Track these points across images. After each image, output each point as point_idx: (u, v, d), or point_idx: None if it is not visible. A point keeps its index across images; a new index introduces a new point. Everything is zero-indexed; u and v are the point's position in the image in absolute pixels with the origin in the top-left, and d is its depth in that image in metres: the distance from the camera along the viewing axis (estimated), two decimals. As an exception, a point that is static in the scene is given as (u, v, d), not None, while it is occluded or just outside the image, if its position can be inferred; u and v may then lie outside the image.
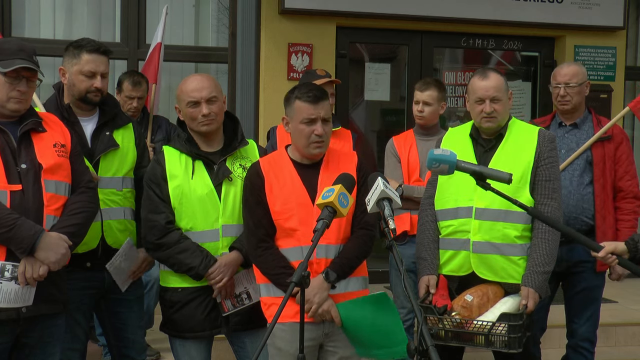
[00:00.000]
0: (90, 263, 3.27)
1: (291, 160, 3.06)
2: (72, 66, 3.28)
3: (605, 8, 6.82)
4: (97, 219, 3.22)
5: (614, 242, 2.90)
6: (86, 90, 3.27)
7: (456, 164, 2.78)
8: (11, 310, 2.73)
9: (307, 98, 2.95)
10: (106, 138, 3.33)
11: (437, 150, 2.83)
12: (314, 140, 2.96)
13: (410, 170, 4.28)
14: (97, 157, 3.29)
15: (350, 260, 2.98)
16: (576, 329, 4.02)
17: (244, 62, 6.46)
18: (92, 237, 3.23)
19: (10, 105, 2.82)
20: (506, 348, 3.02)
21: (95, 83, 3.27)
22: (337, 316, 2.91)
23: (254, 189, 3.00)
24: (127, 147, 3.41)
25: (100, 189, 3.26)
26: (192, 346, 3.20)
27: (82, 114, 3.34)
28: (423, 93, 4.28)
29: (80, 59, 3.26)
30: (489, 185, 2.78)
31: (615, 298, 6.10)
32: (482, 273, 3.22)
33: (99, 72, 3.28)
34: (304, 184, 2.99)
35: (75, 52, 3.28)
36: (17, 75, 2.81)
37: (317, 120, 2.95)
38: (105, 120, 3.37)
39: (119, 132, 3.40)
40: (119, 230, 3.34)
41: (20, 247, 2.70)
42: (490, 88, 3.24)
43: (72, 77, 3.28)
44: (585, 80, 4.02)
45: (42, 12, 6.68)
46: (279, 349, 2.97)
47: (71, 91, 3.31)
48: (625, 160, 3.98)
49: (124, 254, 3.31)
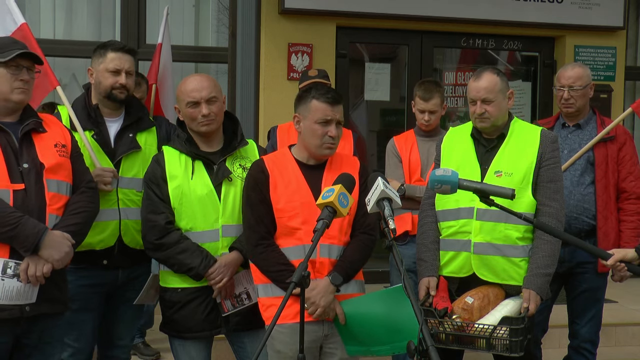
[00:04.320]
0: (107, 261, 3.33)
1: (295, 160, 3.06)
2: (99, 65, 3.40)
3: (605, 8, 6.82)
4: (116, 218, 3.31)
5: (623, 250, 2.87)
6: (111, 87, 3.37)
7: (458, 183, 2.77)
8: (15, 308, 2.74)
9: (326, 99, 2.97)
10: (129, 140, 3.41)
11: (438, 170, 2.80)
12: (327, 142, 2.98)
13: (411, 170, 4.28)
14: (119, 157, 3.36)
15: (354, 263, 2.99)
16: (578, 330, 4.02)
17: (244, 62, 6.46)
18: (110, 236, 3.31)
19: (15, 96, 2.85)
20: (508, 352, 3.01)
21: (120, 80, 3.37)
22: (342, 313, 2.92)
23: (257, 185, 3.00)
24: (149, 150, 3.48)
25: (120, 189, 3.35)
26: (191, 346, 3.19)
27: (108, 114, 3.44)
28: (428, 103, 4.25)
29: (105, 57, 3.39)
30: (493, 201, 2.76)
31: (616, 298, 6.09)
32: (483, 274, 3.21)
33: (124, 69, 3.39)
34: (308, 184, 2.99)
35: (102, 51, 3.41)
36: (18, 65, 2.85)
37: (333, 122, 2.97)
38: (130, 122, 3.45)
39: (142, 135, 3.48)
40: (136, 230, 3.37)
41: (24, 246, 2.71)
42: (482, 89, 3.23)
43: (98, 75, 3.40)
44: (590, 83, 3.99)
45: (42, 12, 6.68)
46: (278, 352, 2.97)
47: (97, 89, 3.41)
48: (628, 161, 3.96)
49: (149, 286, 3.33)
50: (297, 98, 3.11)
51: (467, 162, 3.29)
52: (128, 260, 3.40)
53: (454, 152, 3.38)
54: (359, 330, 2.91)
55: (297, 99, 3.11)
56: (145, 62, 6.53)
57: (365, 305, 2.91)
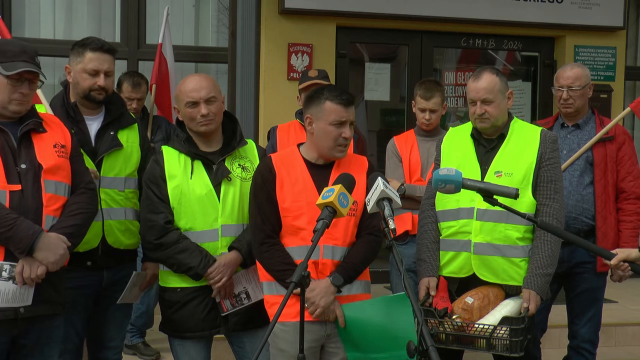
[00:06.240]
0: (91, 262, 3.27)
1: (303, 159, 3.06)
2: (77, 64, 3.29)
3: (605, 8, 6.82)
4: (99, 219, 3.23)
5: (626, 249, 2.87)
6: (89, 88, 3.28)
7: (462, 183, 2.77)
8: (9, 310, 2.72)
9: (340, 100, 2.96)
10: (110, 138, 3.33)
11: (442, 170, 2.80)
12: (341, 143, 2.98)
13: (411, 170, 4.28)
14: (100, 156, 3.29)
15: (357, 264, 2.98)
16: (577, 330, 4.01)
17: (244, 62, 6.46)
18: (93, 236, 3.23)
19: (12, 107, 2.82)
20: (508, 352, 3.01)
21: (98, 81, 3.27)
22: (342, 316, 2.91)
23: (265, 183, 2.98)
24: (131, 147, 3.41)
25: (102, 189, 3.27)
26: (191, 346, 3.19)
27: (87, 113, 3.35)
28: (429, 102, 4.26)
29: (84, 57, 3.28)
30: (497, 200, 2.76)
31: (615, 298, 6.10)
32: (483, 275, 3.21)
33: (102, 70, 3.28)
34: (315, 184, 2.98)
35: (80, 50, 3.30)
36: (20, 77, 2.80)
37: (347, 124, 2.97)
38: (111, 119, 3.37)
39: (124, 132, 3.40)
40: (119, 231, 3.34)
41: (19, 247, 2.69)
42: (481, 89, 3.23)
43: (76, 76, 3.30)
44: (589, 83, 3.99)
45: (42, 12, 6.68)
46: (281, 350, 2.96)
47: (75, 89, 3.33)
48: (627, 161, 3.96)
49: (132, 284, 3.32)
50: (307, 98, 3.07)
51: (467, 163, 3.29)
52: (112, 260, 3.34)
53: (454, 153, 3.38)
54: (359, 335, 2.90)
55: (307, 99, 3.07)
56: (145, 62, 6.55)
57: (367, 311, 2.90)
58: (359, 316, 2.88)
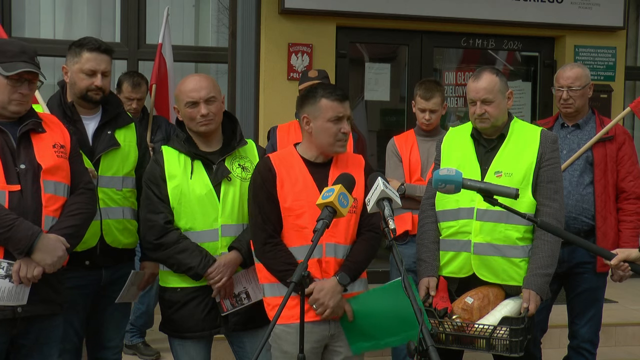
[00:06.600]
0: (89, 261, 3.27)
1: (301, 158, 3.06)
2: (74, 65, 3.29)
3: (605, 8, 6.82)
4: (97, 218, 3.22)
5: (626, 250, 2.87)
6: (86, 89, 3.28)
7: (462, 183, 2.77)
8: (7, 309, 2.72)
9: (335, 97, 3.00)
10: (107, 137, 3.33)
11: (442, 170, 2.80)
12: (340, 139, 3.00)
13: (411, 170, 4.28)
14: (98, 156, 3.29)
15: (361, 263, 3.00)
16: (578, 330, 4.01)
17: (244, 62, 6.46)
18: (91, 236, 3.22)
19: (12, 107, 2.82)
20: (508, 352, 3.01)
21: (95, 81, 3.27)
22: (350, 311, 2.93)
23: (265, 183, 2.98)
24: (128, 146, 3.41)
25: (100, 188, 3.27)
26: (191, 346, 3.19)
27: (84, 113, 3.35)
28: (429, 102, 4.26)
29: (81, 58, 3.28)
30: (497, 200, 2.76)
31: (615, 298, 6.10)
32: (483, 275, 3.21)
33: (100, 71, 3.28)
34: (315, 182, 2.99)
35: (77, 50, 3.30)
36: (19, 77, 2.80)
37: (344, 119, 3.01)
38: (108, 119, 3.37)
39: (121, 132, 3.40)
40: (117, 230, 3.34)
41: (17, 248, 2.69)
42: (481, 90, 3.23)
43: (73, 76, 3.30)
44: (589, 83, 3.99)
45: (42, 12, 6.68)
46: (284, 352, 2.96)
47: (72, 89, 3.33)
48: (627, 160, 3.96)
49: (130, 283, 3.32)
50: (301, 99, 3.09)
51: (467, 163, 3.29)
52: (110, 260, 3.34)
53: (454, 153, 3.38)
54: (368, 325, 2.93)
55: (301, 99, 3.08)
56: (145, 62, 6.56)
57: (372, 300, 2.94)
58: (365, 306, 2.92)
